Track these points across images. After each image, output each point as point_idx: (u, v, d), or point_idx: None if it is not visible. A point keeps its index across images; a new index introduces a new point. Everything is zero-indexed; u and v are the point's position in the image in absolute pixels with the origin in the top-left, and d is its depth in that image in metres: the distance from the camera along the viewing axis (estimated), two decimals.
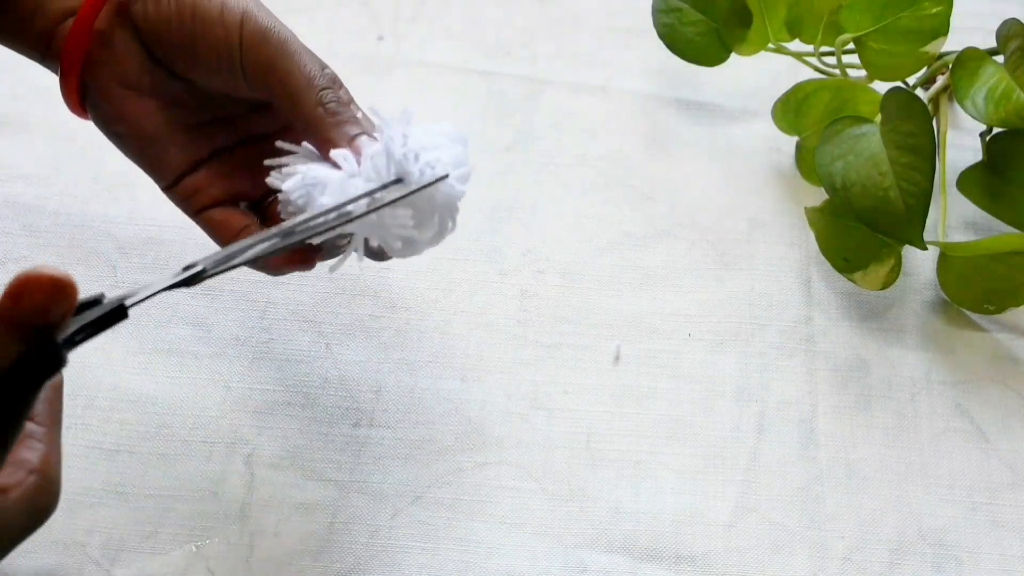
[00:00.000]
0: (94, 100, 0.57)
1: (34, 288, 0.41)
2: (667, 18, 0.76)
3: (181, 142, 0.57)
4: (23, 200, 0.71)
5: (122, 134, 0.58)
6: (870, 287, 0.68)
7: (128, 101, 0.56)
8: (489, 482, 0.61)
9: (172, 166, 0.57)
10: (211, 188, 0.58)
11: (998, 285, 0.67)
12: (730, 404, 0.65)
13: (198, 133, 0.58)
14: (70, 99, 0.58)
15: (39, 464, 0.47)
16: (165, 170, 0.58)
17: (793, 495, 0.62)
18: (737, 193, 0.74)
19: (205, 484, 0.61)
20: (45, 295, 0.41)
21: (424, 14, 0.82)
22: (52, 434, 0.48)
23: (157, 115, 0.57)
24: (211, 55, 0.55)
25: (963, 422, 0.65)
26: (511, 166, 0.75)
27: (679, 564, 0.59)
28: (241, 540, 0.59)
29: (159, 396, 0.63)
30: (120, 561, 0.58)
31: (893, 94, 0.67)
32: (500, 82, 0.79)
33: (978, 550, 0.60)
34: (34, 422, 0.47)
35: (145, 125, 0.57)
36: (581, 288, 0.69)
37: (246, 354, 0.65)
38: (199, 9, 0.54)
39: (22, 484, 0.46)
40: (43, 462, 0.47)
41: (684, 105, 0.79)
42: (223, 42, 0.54)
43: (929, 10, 0.69)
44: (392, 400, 0.64)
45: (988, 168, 0.69)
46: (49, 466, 0.47)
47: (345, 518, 0.60)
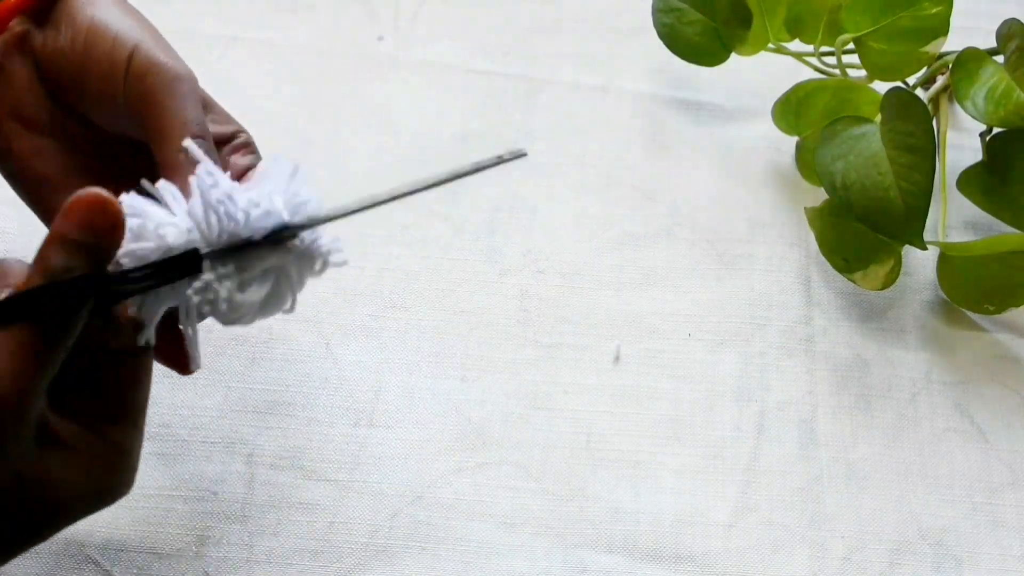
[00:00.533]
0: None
1: (78, 203, 0.43)
2: (667, 18, 0.76)
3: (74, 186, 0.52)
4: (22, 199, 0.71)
5: (13, 172, 0.55)
6: (870, 287, 0.68)
7: (23, 137, 0.55)
8: (489, 482, 0.61)
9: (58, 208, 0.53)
10: None
11: (998, 285, 0.67)
12: (730, 404, 0.65)
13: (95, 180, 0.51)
14: None
15: (116, 435, 0.46)
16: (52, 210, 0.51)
17: (793, 495, 0.62)
18: (737, 193, 0.74)
19: (205, 484, 0.61)
20: (88, 209, 0.43)
21: (424, 14, 0.82)
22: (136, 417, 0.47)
23: (53, 156, 0.55)
24: (97, 86, 0.53)
25: (963, 422, 0.65)
26: (511, 166, 0.74)
27: (679, 564, 0.59)
28: (241, 540, 0.59)
29: (159, 396, 0.63)
30: (120, 561, 0.58)
31: (893, 94, 0.67)
32: (500, 82, 0.79)
33: (978, 550, 0.60)
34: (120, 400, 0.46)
35: (38, 166, 0.55)
36: (581, 288, 0.69)
37: (246, 354, 0.65)
38: (92, 40, 0.53)
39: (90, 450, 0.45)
40: (121, 432, 0.46)
41: (684, 105, 0.79)
42: (108, 74, 0.52)
43: (929, 10, 0.69)
44: (392, 400, 0.64)
45: (988, 168, 0.69)
46: (127, 438, 0.46)
47: (345, 518, 0.60)
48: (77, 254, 0.43)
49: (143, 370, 0.48)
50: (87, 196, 0.43)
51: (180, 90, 0.52)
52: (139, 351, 0.47)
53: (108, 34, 0.53)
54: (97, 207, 0.43)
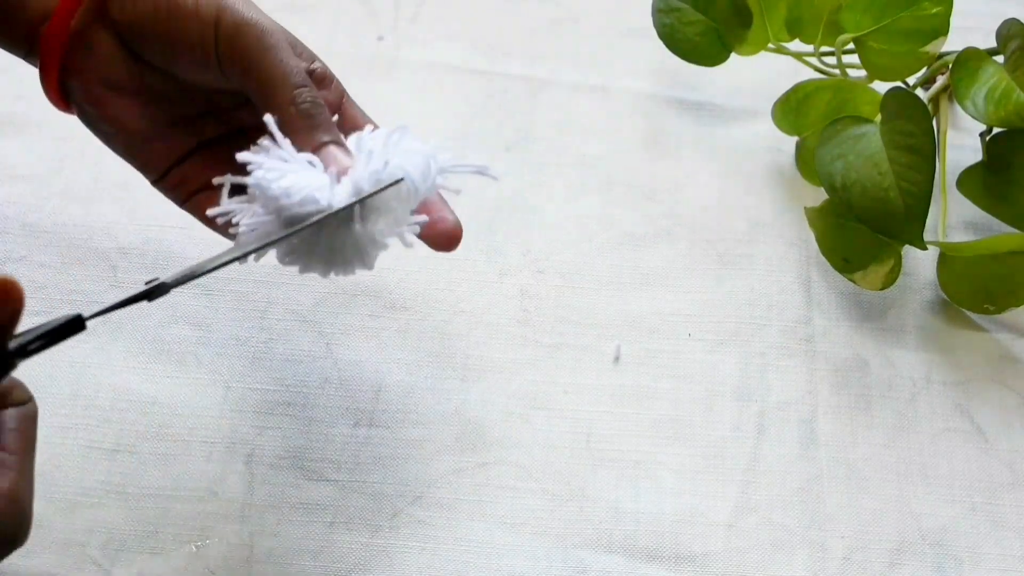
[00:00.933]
0: (79, 101, 0.57)
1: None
2: (667, 18, 0.76)
3: (167, 137, 0.57)
4: (23, 200, 0.71)
5: (108, 132, 0.57)
6: (870, 287, 0.68)
7: (112, 101, 0.56)
8: (489, 482, 0.61)
9: (159, 161, 0.58)
10: (198, 177, 0.57)
11: (998, 285, 0.67)
12: (730, 404, 0.65)
13: (184, 127, 0.57)
14: (51, 96, 0.57)
15: (7, 491, 0.45)
16: (153, 165, 0.58)
17: (793, 495, 0.62)
18: (737, 193, 0.74)
19: (205, 484, 0.61)
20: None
21: (424, 14, 0.82)
22: (24, 462, 0.47)
23: (142, 113, 0.56)
24: (188, 49, 0.54)
25: (963, 422, 0.65)
26: (511, 166, 0.75)
27: (679, 564, 0.59)
28: (241, 540, 0.59)
29: (159, 396, 0.63)
30: (120, 561, 0.58)
31: (893, 94, 0.67)
32: (500, 82, 0.79)
33: (978, 550, 0.60)
34: (5, 451, 0.46)
35: (130, 124, 0.56)
36: (581, 288, 0.69)
37: (246, 354, 0.65)
38: (174, 7, 0.53)
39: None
40: (11, 490, 0.45)
41: (684, 105, 0.79)
42: (198, 36, 0.53)
43: (929, 10, 0.69)
44: (392, 400, 0.64)
45: (988, 168, 0.69)
46: (17, 494, 0.46)
47: (345, 518, 0.60)
48: None
49: (29, 420, 0.48)
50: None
51: (274, 43, 0.53)
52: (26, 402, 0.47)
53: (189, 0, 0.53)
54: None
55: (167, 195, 0.59)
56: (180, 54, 0.54)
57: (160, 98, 0.57)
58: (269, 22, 0.54)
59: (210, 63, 0.54)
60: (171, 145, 0.57)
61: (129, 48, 0.55)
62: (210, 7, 0.53)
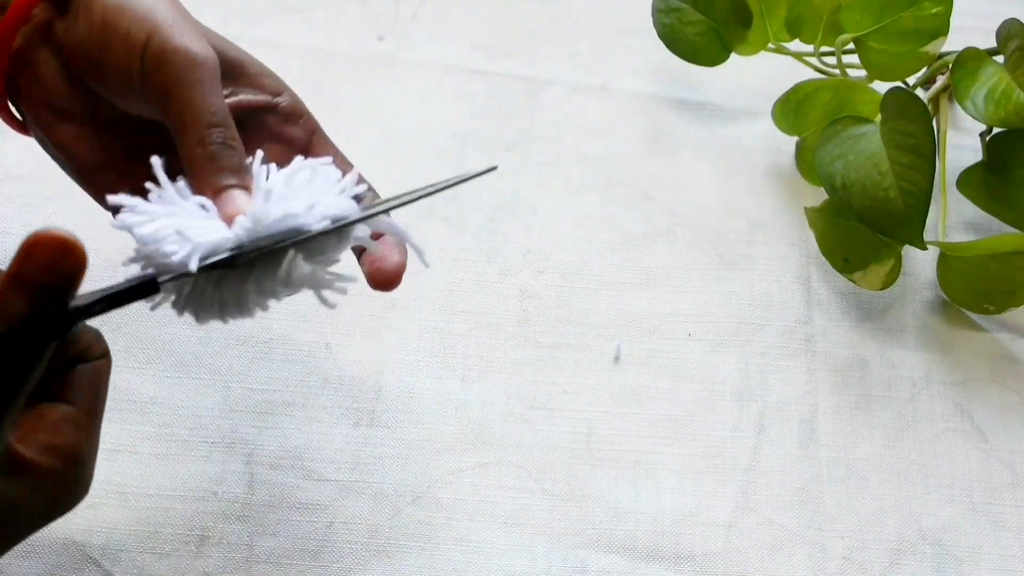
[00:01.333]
0: (31, 125, 0.55)
1: (42, 246, 0.41)
2: (667, 18, 0.76)
3: (122, 168, 0.54)
4: (23, 200, 0.71)
5: (58, 159, 0.55)
6: (870, 287, 0.68)
7: (61, 128, 0.54)
8: (489, 482, 0.61)
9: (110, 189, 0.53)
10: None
11: (998, 285, 0.67)
12: (730, 404, 0.65)
13: (138, 160, 0.53)
14: (3, 116, 0.56)
15: (70, 449, 0.46)
16: (101, 189, 0.54)
17: (793, 495, 0.62)
18: (737, 193, 0.74)
19: (205, 484, 0.61)
20: (53, 252, 0.41)
21: (424, 14, 0.82)
22: (90, 423, 0.47)
23: (92, 142, 0.54)
24: (113, 73, 0.51)
25: (963, 422, 0.65)
26: (511, 166, 0.75)
27: (679, 564, 0.59)
28: (241, 540, 0.59)
29: (159, 396, 0.63)
30: (120, 561, 0.58)
31: (893, 94, 0.67)
32: (500, 82, 0.79)
33: (978, 550, 0.61)
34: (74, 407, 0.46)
35: (79, 152, 0.54)
36: (581, 288, 0.69)
37: (246, 354, 0.65)
38: (106, 26, 0.51)
39: (49, 468, 0.45)
40: (74, 447, 0.46)
41: (684, 105, 0.79)
42: (124, 60, 0.51)
43: (929, 10, 0.69)
44: (392, 400, 0.64)
45: (988, 168, 0.69)
46: (80, 453, 0.46)
47: (345, 518, 0.60)
48: (40, 299, 0.41)
49: (100, 376, 0.48)
50: (49, 237, 0.41)
51: (196, 77, 0.50)
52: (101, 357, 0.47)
53: (123, 20, 0.51)
54: (61, 249, 0.41)
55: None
56: (107, 78, 0.52)
57: (114, 127, 0.54)
58: (203, 50, 0.51)
59: (134, 88, 0.51)
60: (126, 176, 0.54)
61: (72, 74, 0.53)
62: (140, 31, 0.51)
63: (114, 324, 0.65)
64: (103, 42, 0.51)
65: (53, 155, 0.56)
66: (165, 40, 0.50)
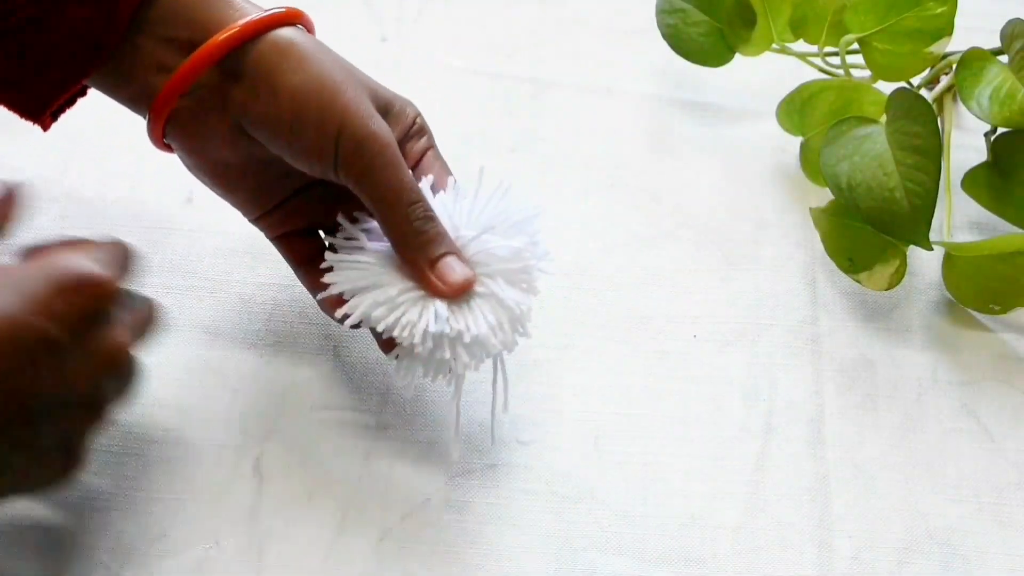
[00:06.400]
0: (186, 164, 0.60)
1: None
2: (671, 19, 0.76)
3: (270, 190, 0.60)
4: (28, 202, 0.71)
5: (211, 186, 0.61)
6: (875, 287, 0.68)
7: (222, 173, 0.59)
8: (498, 484, 0.61)
9: (259, 207, 0.61)
10: (292, 219, 0.61)
11: (1003, 285, 0.67)
12: (737, 405, 0.65)
13: (287, 180, 0.60)
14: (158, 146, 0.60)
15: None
16: (252, 211, 0.61)
17: (801, 495, 0.62)
18: (742, 194, 0.74)
19: (213, 487, 0.61)
20: None
21: (427, 15, 0.82)
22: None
23: (249, 176, 0.59)
24: (306, 156, 0.56)
25: (969, 422, 0.65)
26: (515, 167, 0.75)
27: (688, 567, 0.59)
28: (250, 543, 0.59)
29: (166, 400, 0.63)
30: (129, 565, 0.58)
31: (898, 94, 0.67)
32: (504, 83, 0.79)
33: (986, 550, 0.61)
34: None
35: (235, 183, 0.60)
36: (587, 289, 0.69)
37: (253, 357, 0.65)
38: (299, 114, 0.55)
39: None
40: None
41: (688, 106, 0.79)
42: (318, 148, 0.55)
43: (933, 10, 0.69)
44: (400, 402, 0.64)
45: (993, 168, 0.69)
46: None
47: (353, 521, 0.60)
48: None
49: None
50: None
51: (389, 160, 0.56)
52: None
53: (312, 107, 0.55)
54: None
55: (260, 229, 0.62)
56: (298, 157, 0.56)
57: (270, 164, 0.58)
58: (385, 132, 0.56)
59: (327, 170, 0.56)
60: (272, 195, 0.60)
61: (243, 131, 0.57)
62: (332, 121, 0.55)
63: None
64: (294, 125, 0.55)
65: (205, 183, 0.61)
66: (357, 127, 0.55)
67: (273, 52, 0.56)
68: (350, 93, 0.56)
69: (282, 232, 0.61)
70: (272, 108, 0.55)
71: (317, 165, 0.56)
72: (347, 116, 0.55)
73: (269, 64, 0.56)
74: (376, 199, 0.56)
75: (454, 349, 0.57)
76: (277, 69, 0.56)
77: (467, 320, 0.57)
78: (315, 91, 0.55)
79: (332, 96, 0.55)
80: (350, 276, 0.58)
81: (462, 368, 0.57)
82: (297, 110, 0.55)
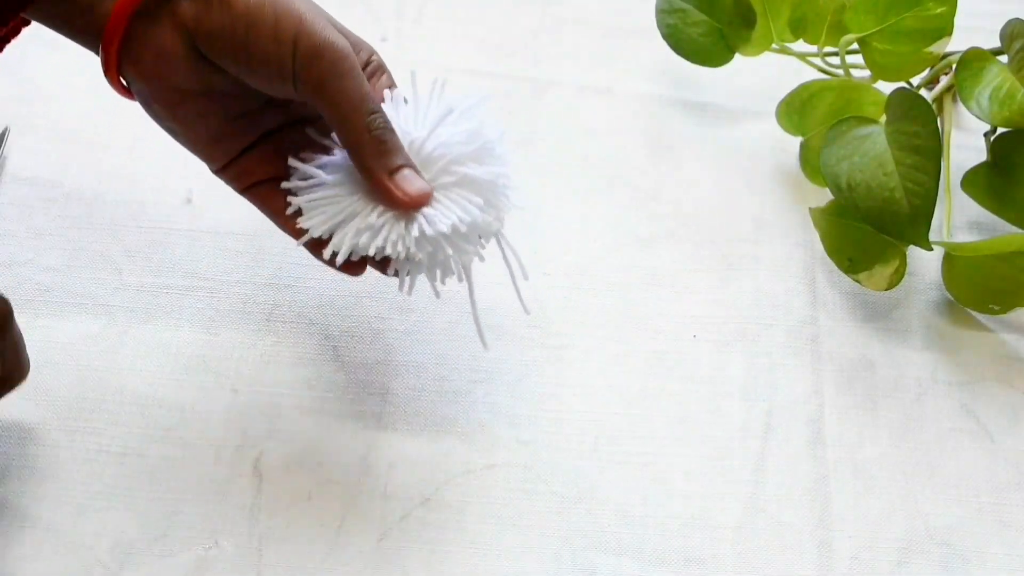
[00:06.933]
0: (144, 100, 0.58)
1: None
2: (671, 19, 0.76)
3: (231, 131, 0.59)
4: (28, 202, 0.71)
5: (175, 131, 0.59)
6: (875, 287, 0.68)
7: (178, 102, 0.57)
8: (498, 484, 0.61)
9: (223, 154, 0.59)
10: (259, 168, 0.59)
11: (1003, 285, 0.68)
12: (737, 405, 0.65)
13: (249, 121, 0.59)
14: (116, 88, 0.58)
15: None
16: (216, 157, 0.59)
17: (801, 495, 0.62)
18: (741, 194, 0.74)
19: (213, 487, 0.61)
20: None
21: (427, 15, 0.82)
22: None
23: (209, 112, 0.58)
24: (263, 66, 0.55)
25: (969, 422, 0.65)
26: (515, 167, 0.74)
27: (688, 566, 0.59)
28: (249, 543, 0.59)
29: (166, 399, 0.63)
30: (128, 564, 0.58)
31: (898, 95, 0.67)
32: (504, 83, 0.79)
33: (985, 550, 0.61)
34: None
35: (197, 123, 0.58)
36: (587, 289, 0.69)
37: (253, 357, 0.65)
38: (253, 21, 0.54)
39: None
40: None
41: (688, 106, 0.79)
42: (275, 55, 0.54)
43: (933, 10, 0.69)
44: (399, 402, 0.64)
45: (993, 168, 0.69)
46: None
47: (354, 520, 0.60)
48: None
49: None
50: None
51: (349, 68, 0.55)
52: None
53: (267, 14, 0.54)
54: None
55: (228, 183, 0.60)
56: (255, 70, 0.55)
57: (225, 96, 0.57)
58: (343, 42, 0.55)
59: (285, 81, 0.55)
60: (236, 139, 0.59)
61: (199, 53, 0.56)
62: (288, 26, 0.54)
63: (120, 328, 0.65)
64: (249, 34, 0.54)
65: (166, 127, 0.59)
66: (314, 34, 0.54)
67: None
68: (305, 5, 0.55)
69: (251, 183, 0.60)
70: (226, 18, 0.54)
71: (275, 77, 0.55)
72: (303, 24, 0.54)
73: None
74: (335, 108, 0.55)
75: (454, 243, 0.57)
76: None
77: (455, 211, 0.56)
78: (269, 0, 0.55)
79: (287, 4, 0.54)
80: (325, 214, 0.57)
81: (469, 259, 0.58)
82: (252, 18, 0.54)
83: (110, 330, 0.65)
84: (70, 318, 0.65)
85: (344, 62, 0.55)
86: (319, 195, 0.58)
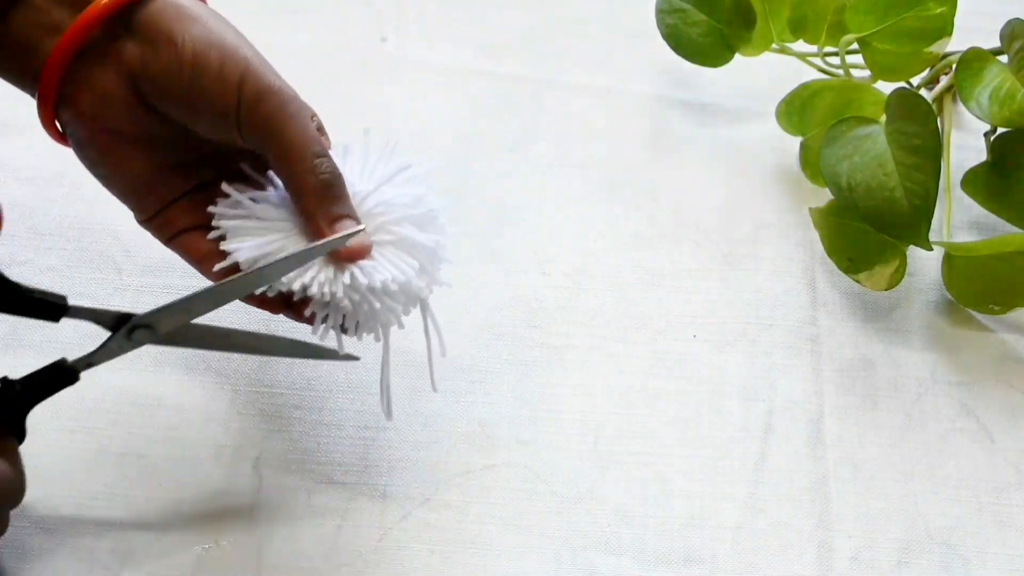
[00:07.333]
0: (79, 144, 0.57)
1: None
2: (671, 19, 0.76)
3: (165, 181, 0.57)
4: (28, 202, 0.71)
5: (108, 177, 0.57)
6: (875, 287, 0.68)
7: (115, 147, 0.56)
8: (497, 484, 0.61)
9: (154, 204, 0.58)
10: (186, 217, 0.58)
11: (1003, 285, 0.68)
12: (737, 405, 0.65)
13: (183, 171, 0.57)
14: (49, 131, 0.57)
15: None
16: (146, 207, 0.58)
17: (801, 495, 0.62)
18: (741, 194, 0.74)
19: (213, 487, 0.61)
20: None
21: (427, 15, 0.82)
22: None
23: (144, 159, 0.56)
24: (208, 110, 0.54)
25: (969, 422, 0.65)
26: (515, 167, 0.75)
27: (688, 566, 0.59)
28: (250, 543, 0.59)
29: (166, 399, 0.63)
30: (129, 564, 0.58)
31: (898, 95, 0.67)
32: (504, 83, 0.79)
33: (985, 549, 0.61)
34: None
35: (132, 169, 0.56)
36: (587, 289, 0.69)
37: (253, 357, 0.65)
38: (199, 63, 0.53)
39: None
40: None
41: (688, 106, 0.79)
42: (220, 98, 0.53)
43: (933, 10, 0.69)
44: (400, 402, 0.64)
45: (993, 168, 0.69)
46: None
47: (354, 521, 0.60)
48: None
49: None
50: None
51: (295, 111, 0.54)
52: None
53: (213, 57, 0.53)
54: None
55: (152, 233, 0.59)
56: (201, 114, 0.54)
57: (164, 144, 0.56)
58: (289, 87, 0.54)
59: (230, 125, 0.54)
60: (168, 189, 0.57)
61: (141, 97, 0.55)
62: (234, 70, 0.53)
63: None
64: (195, 76, 0.53)
65: (98, 171, 0.57)
66: (260, 78, 0.53)
67: (169, 7, 0.54)
68: (251, 50, 0.55)
69: (176, 231, 0.58)
70: (173, 60, 0.53)
71: (220, 120, 0.54)
72: (250, 68, 0.53)
73: (167, 16, 0.54)
74: (280, 149, 0.54)
75: (382, 300, 0.55)
76: (176, 20, 0.54)
77: (390, 269, 0.55)
78: (216, 42, 0.53)
79: (234, 47, 0.54)
80: (253, 241, 0.56)
81: (390, 320, 0.56)
82: (198, 61, 0.53)
83: None
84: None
85: (291, 104, 0.54)
86: (249, 224, 0.56)
